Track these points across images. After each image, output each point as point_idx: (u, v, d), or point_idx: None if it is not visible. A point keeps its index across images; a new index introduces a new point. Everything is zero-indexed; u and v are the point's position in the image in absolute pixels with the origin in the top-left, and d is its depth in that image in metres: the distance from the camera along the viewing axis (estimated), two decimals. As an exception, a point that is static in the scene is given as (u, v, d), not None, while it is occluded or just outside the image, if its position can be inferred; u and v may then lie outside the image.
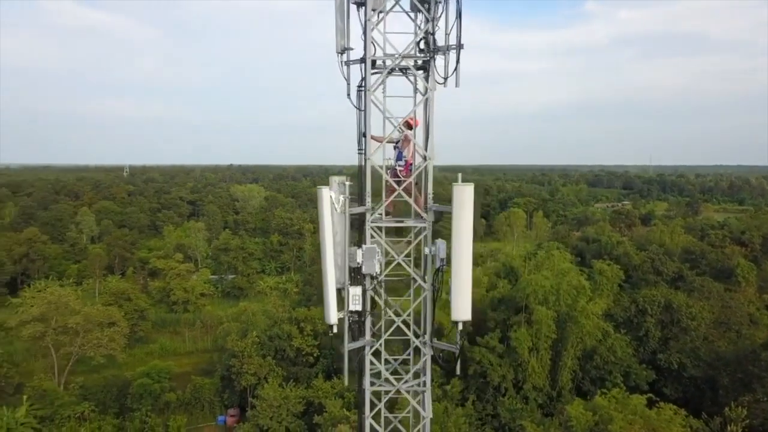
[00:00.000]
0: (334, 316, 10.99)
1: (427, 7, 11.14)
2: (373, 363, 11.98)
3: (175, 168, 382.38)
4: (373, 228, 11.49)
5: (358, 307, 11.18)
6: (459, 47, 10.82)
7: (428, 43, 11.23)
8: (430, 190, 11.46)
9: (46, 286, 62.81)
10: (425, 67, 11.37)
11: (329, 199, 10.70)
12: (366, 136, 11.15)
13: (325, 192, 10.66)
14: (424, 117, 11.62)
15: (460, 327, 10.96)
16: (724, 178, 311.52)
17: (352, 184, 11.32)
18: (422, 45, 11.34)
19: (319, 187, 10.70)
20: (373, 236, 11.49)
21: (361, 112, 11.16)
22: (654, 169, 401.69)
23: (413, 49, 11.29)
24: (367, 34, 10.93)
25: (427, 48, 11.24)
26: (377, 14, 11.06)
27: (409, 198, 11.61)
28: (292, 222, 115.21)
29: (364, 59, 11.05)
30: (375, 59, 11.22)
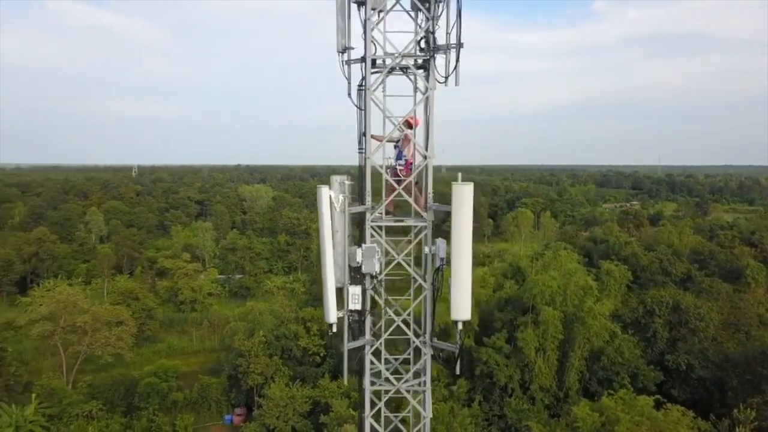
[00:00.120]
0: (333, 315, 10.98)
1: (428, 5, 11.13)
2: (373, 362, 11.97)
3: (183, 168, 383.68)
4: (373, 227, 11.48)
5: (358, 307, 11.18)
6: (459, 46, 10.81)
7: (428, 42, 11.22)
8: (431, 190, 11.43)
9: (55, 286, 63.28)
10: (425, 66, 11.35)
11: (329, 198, 10.70)
12: (366, 135, 11.15)
13: (325, 191, 10.66)
14: (425, 116, 11.61)
15: (460, 326, 10.93)
16: (734, 178, 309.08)
17: (353, 183, 11.31)
18: (422, 44, 11.33)
19: (319, 186, 10.69)
20: (373, 235, 11.47)
21: (362, 112, 11.16)
22: (663, 169, 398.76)
23: (413, 48, 11.27)
24: (368, 33, 10.92)
25: (428, 47, 11.23)
26: (378, 13, 11.06)
27: (409, 197, 11.60)
28: (300, 222, 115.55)
29: (364, 58, 11.04)
30: (375, 58, 11.22)
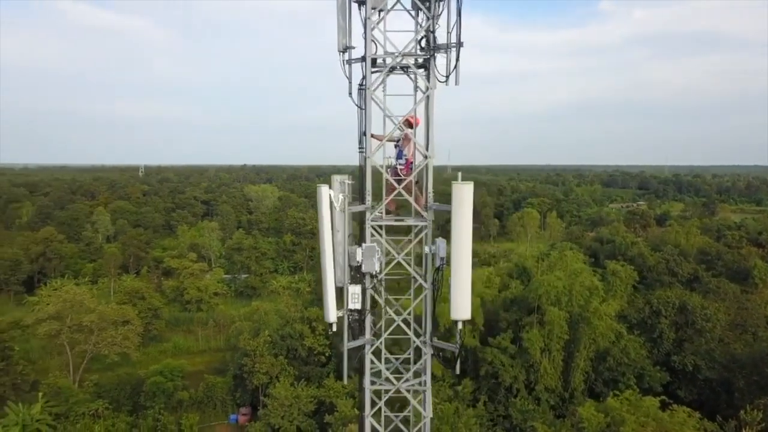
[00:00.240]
0: (333, 315, 10.98)
1: (428, 5, 11.10)
2: (374, 362, 11.96)
3: (190, 168, 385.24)
4: (374, 226, 11.47)
5: (358, 306, 11.16)
6: (459, 45, 10.78)
7: (429, 41, 11.19)
8: (431, 189, 11.41)
9: (61, 285, 63.75)
10: (426, 65, 11.33)
11: (328, 198, 10.69)
12: (367, 134, 11.14)
13: (324, 190, 10.64)
14: (425, 115, 11.59)
15: (460, 326, 10.90)
16: (742, 178, 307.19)
17: (353, 182, 11.29)
18: (423, 43, 11.30)
19: (319, 186, 10.68)
20: (373, 235, 11.46)
21: (362, 111, 11.15)
22: (670, 169, 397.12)
23: (414, 47, 11.25)
24: (368, 32, 10.91)
25: (428, 46, 11.21)
26: (378, 12, 11.06)
27: (410, 196, 11.58)
28: (305, 222, 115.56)
29: (365, 57, 11.03)
30: (376, 57, 11.21)
